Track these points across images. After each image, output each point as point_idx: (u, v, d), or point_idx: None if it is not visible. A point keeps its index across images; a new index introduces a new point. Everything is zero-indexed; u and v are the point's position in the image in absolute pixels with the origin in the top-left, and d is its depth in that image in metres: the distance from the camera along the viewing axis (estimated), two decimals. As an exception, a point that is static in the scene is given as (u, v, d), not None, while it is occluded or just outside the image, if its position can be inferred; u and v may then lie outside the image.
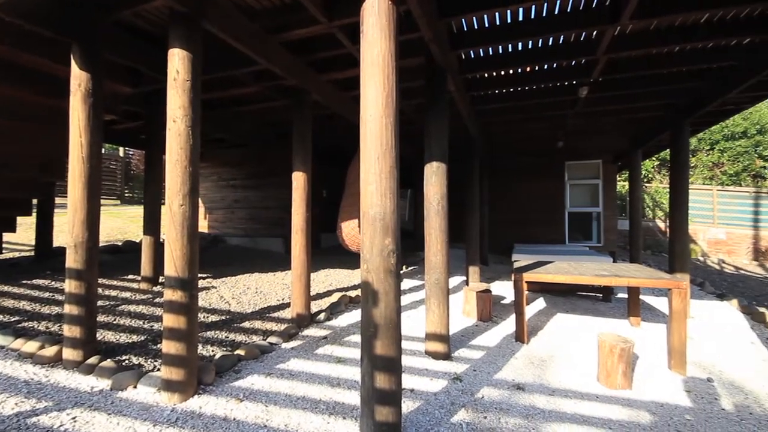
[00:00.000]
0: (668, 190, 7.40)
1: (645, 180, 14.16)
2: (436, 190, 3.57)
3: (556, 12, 3.47)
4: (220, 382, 2.92)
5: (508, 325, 4.53)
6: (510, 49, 4.24)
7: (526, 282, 4.02)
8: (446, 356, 3.53)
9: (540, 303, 5.65)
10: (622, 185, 12.69)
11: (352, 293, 5.59)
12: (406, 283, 6.77)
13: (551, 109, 6.01)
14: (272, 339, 3.80)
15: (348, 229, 5.61)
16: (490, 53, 4.31)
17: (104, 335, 3.60)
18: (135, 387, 2.75)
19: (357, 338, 3.99)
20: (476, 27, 3.76)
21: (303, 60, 4.21)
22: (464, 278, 7.08)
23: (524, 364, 3.43)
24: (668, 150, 7.89)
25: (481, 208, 8.33)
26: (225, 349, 3.51)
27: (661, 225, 13.23)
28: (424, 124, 3.73)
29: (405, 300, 5.65)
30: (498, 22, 3.68)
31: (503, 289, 6.48)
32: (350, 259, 8.14)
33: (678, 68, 4.43)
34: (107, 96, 4.20)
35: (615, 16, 3.27)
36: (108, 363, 2.95)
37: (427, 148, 3.66)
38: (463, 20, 3.60)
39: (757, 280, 9.10)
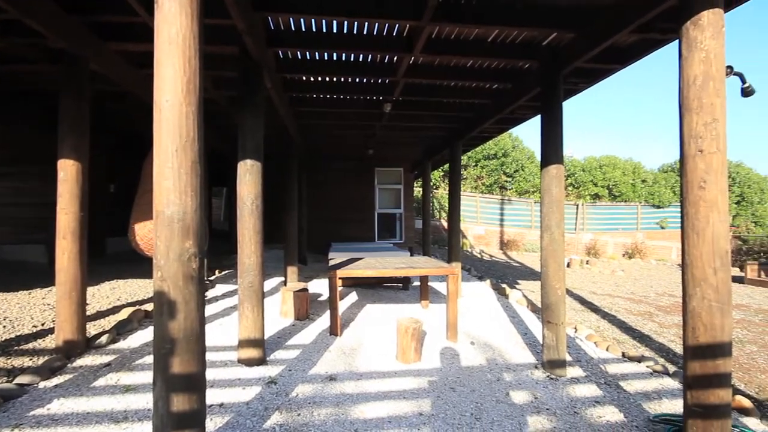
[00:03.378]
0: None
1: (434, 187, 17.22)
2: (251, 189, 3.42)
3: (365, 32, 3.83)
4: None
5: (324, 320, 4.73)
6: (326, 57, 4.44)
7: (340, 278, 4.30)
8: (261, 361, 3.41)
9: (353, 296, 6.13)
10: (418, 191, 15.06)
11: (150, 306, 4.75)
12: (220, 289, 6.21)
13: (363, 119, 6.60)
14: (23, 378, 2.85)
15: (144, 231, 4.73)
16: (308, 57, 4.42)
17: None
18: None
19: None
20: (293, 29, 3.78)
21: (82, 19, 3.33)
22: (283, 279, 7.01)
23: (337, 356, 3.66)
24: (449, 163, 9.82)
25: (300, 208, 8.43)
26: (-72, 407, 2.43)
27: (444, 224, 16.36)
28: (239, 120, 3.52)
29: (218, 307, 5.18)
30: (314, 29, 3.80)
31: (321, 286, 6.72)
32: (146, 266, 6.89)
33: (454, 99, 5.57)
34: None
35: (410, 47, 3.86)
36: None
37: (241, 145, 3.45)
38: (279, 19, 3.57)
39: (502, 263, 12.33)
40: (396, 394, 2.94)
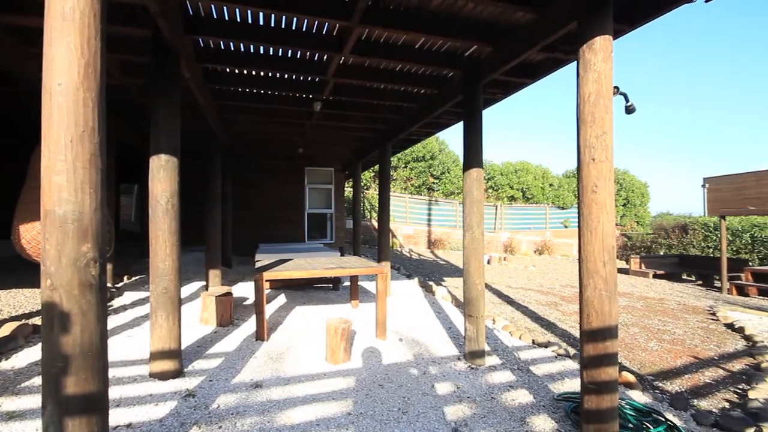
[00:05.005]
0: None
1: (365, 187, 17.37)
2: (166, 186, 3.13)
3: (294, 28, 3.73)
4: None
5: (250, 325, 4.52)
6: (252, 50, 4.24)
7: (268, 280, 4.14)
8: (177, 373, 3.15)
9: (282, 299, 5.93)
10: (349, 191, 15.07)
11: (40, 320, 4.12)
12: (129, 297, 5.60)
13: (293, 116, 6.42)
14: None
15: (32, 233, 4.07)
16: (231, 48, 4.18)
17: None
18: None
19: (42, 380, 2.97)
20: (215, 16, 3.55)
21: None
22: (204, 283, 6.54)
23: (263, 362, 3.51)
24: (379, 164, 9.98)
25: (225, 208, 7.93)
26: None
27: (375, 224, 16.58)
28: (151, 110, 3.21)
29: (127, 317, 4.67)
30: (239, 19, 3.61)
31: (247, 290, 6.40)
32: (34, 273, 5.96)
33: (384, 102, 5.67)
34: None
35: (340, 47, 3.85)
36: None
37: (153, 139, 3.15)
38: (200, 4, 3.32)
39: (430, 262, 12.85)
40: (325, 395, 2.92)
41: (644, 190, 21.77)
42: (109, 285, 5.92)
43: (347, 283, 7.08)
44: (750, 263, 11.21)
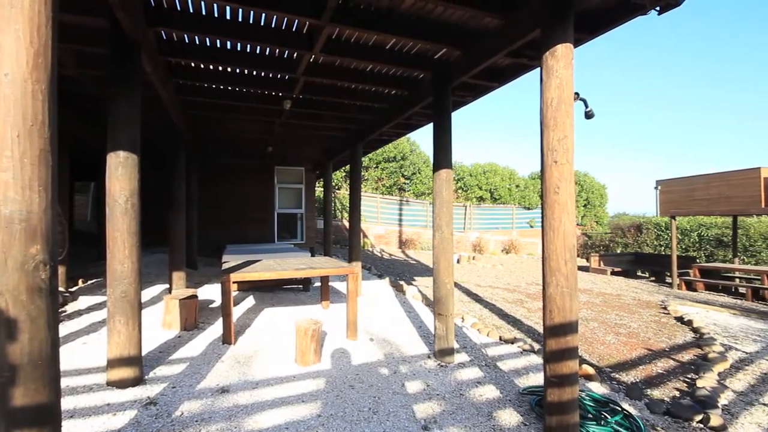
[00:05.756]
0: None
1: (336, 187, 17.26)
2: (125, 185, 2.99)
3: (262, 23, 3.66)
4: None
5: (216, 329, 4.38)
6: (219, 45, 4.11)
7: (236, 282, 4.03)
8: (137, 381, 3.01)
9: (250, 301, 5.80)
10: (320, 191, 14.93)
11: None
12: (84, 301, 5.29)
13: (262, 114, 6.28)
14: None
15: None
16: (197, 42, 4.04)
17: None
18: None
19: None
20: (179, 8, 3.42)
21: None
22: (168, 286, 6.28)
23: (230, 366, 3.42)
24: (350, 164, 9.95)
25: (190, 207, 7.65)
26: None
27: (346, 224, 16.51)
28: (109, 104, 3.05)
29: (81, 322, 4.42)
30: (205, 12, 3.49)
31: (214, 292, 6.20)
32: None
33: (355, 102, 5.66)
34: None
35: (311, 45, 3.81)
36: None
37: (112, 134, 3.00)
38: (162, -5, 3.19)
39: (401, 261, 12.94)
40: (294, 398, 2.88)
41: (603, 191, 22.88)
42: (62, 289, 5.57)
43: (318, 284, 7.01)
44: (697, 260, 12.03)
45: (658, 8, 2.83)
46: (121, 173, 2.98)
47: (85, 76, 4.42)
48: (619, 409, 2.81)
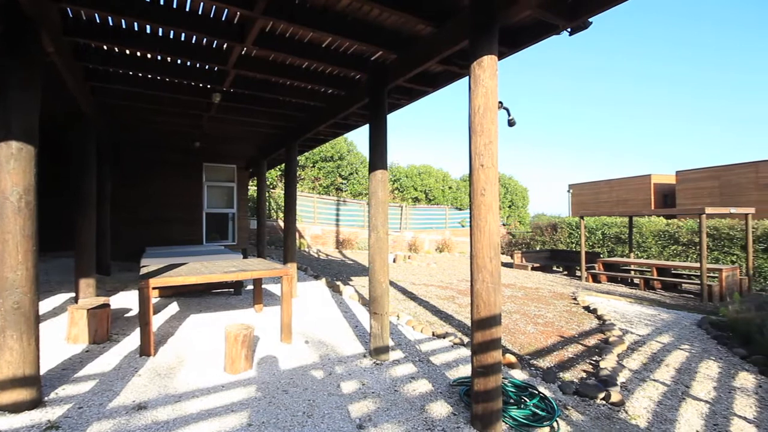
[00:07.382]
0: (286, 195, 9.04)
1: (271, 186, 16.66)
2: (18, 180, 2.61)
3: (188, 9, 3.41)
4: None
5: (132, 340, 4.00)
6: (137, 28, 3.75)
7: (156, 287, 3.72)
8: (35, 403, 2.64)
9: (173, 307, 5.37)
10: (254, 190, 14.30)
11: None
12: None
13: (188, 107, 5.85)
14: None
15: None
16: (110, 23, 3.64)
17: None
18: None
19: None
20: (88, -16, 3.06)
21: None
22: (74, 294, 5.57)
23: (149, 379, 3.14)
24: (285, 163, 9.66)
25: (102, 207, 6.86)
26: None
27: (281, 224, 16.00)
28: (0, 87, 2.64)
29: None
30: (120, -8, 3.16)
31: (130, 300, 5.65)
32: None
33: (289, 99, 5.52)
34: None
35: (242, 36, 3.63)
36: None
37: (2, 123, 2.59)
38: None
39: (338, 261, 12.86)
40: (222, 409, 2.73)
41: (525, 194, 24.84)
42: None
43: (250, 287, 6.71)
44: (601, 255, 13.58)
45: (569, 29, 3.16)
46: (13, 166, 2.59)
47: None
48: (537, 392, 3.08)
